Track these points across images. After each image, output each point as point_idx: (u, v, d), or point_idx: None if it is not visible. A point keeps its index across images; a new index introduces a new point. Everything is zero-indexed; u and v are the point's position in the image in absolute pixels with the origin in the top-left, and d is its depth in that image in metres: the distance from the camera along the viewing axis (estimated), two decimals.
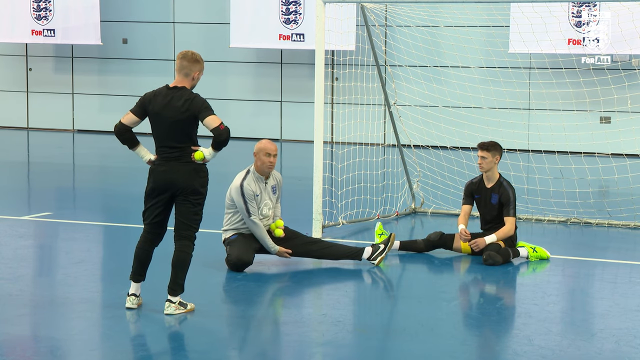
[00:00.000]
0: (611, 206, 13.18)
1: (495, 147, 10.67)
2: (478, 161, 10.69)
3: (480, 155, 10.65)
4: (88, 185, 16.45)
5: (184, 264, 8.24)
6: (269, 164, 9.88)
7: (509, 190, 10.58)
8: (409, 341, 7.69)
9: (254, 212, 9.82)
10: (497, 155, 10.64)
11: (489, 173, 10.67)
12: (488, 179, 10.70)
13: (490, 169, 10.64)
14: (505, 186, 10.62)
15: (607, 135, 16.03)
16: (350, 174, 13.72)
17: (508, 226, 10.45)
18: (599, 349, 7.53)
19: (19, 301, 8.66)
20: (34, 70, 23.35)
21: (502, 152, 10.74)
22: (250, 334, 7.95)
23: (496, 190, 10.61)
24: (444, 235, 10.72)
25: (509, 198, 10.52)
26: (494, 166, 10.66)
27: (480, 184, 10.75)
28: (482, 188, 10.72)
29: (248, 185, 9.84)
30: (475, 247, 10.41)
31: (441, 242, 10.71)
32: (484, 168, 10.65)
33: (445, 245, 10.73)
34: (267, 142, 9.92)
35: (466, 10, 17.17)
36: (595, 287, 9.90)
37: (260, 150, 9.87)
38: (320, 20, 11.63)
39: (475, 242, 10.41)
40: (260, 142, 9.94)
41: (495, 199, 10.60)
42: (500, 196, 10.57)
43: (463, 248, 10.64)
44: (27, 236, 11.61)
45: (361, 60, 15.33)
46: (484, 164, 10.63)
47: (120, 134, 8.28)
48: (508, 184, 10.67)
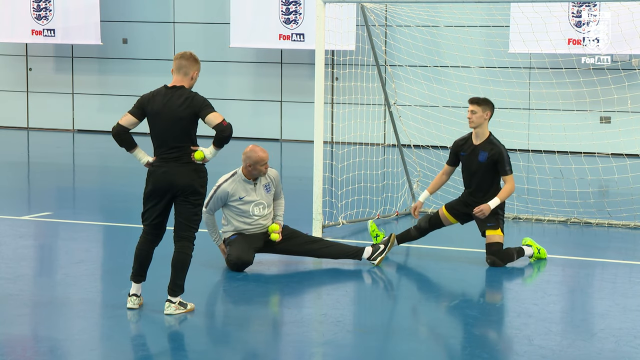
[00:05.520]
0: (611, 206, 13.18)
1: (486, 102, 10.24)
2: (467, 115, 10.23)
3: (470, 110, 10.19)
4: (88, 185, 16.45)
5: (184, 264, 8.24)
6: (264, 171, 9.89)
7: (500, 146, 10.17)
8: (409, 341, 7.69)
9: (211, 209, 9.87)
10: (487, 111, 10.20)
11: (479, 129, 10.24)
12: (477, 135, 10.28)
13: (480, 124, 10.20)
14: (496, 143, 10.20)
15: (607, 135, 16.03)
16: (350, 174, 13.72)
17: (508, 185, 10.11)
18: (599, 349, 7.53)
19: (19, 301, 8.66)
20: (34, 70, 23.35)
21: (493, 108, 10.28)
22: (250, 334, 7.95)
23: (485, 148, 10.21)
24: (432, 218, 10.58)
25: (502, 154, 10.13)
26: (484, 122, 10.22)
27: (468, 141, 10.35)
28: (470, 145, 10.31)
29: (226, 188, 9.86)
30: (481, 215, 10.06)
31: (430, 224, 10.59)
32: (474, 123, 10.20)
33: (435, 226, 10.59)
34: (261, 152, 9.81)
35: (466, 10, 17.17)
36: (595, 287, 9.90)
37: (255, 162, 9.80)
38: (320, 20, 11.63)
39: (480, 209, 10.07)
40: (253, 152, 9.80)
41: (484, 156, 10.19)
42: (490, 154, 10.15)
43: (452, 220, 10.49)
44: (27, 236, 11.61)
45: (361, 60, 15.33)
46: (473, 118, 10.18)
47: (118, 135, 8.27)
48: (498, 141, 10.27)
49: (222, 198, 9.88)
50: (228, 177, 9.96)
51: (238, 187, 9.89)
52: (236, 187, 9.89)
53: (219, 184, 9.91)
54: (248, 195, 9.92)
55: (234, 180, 9.91)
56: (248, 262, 9.80)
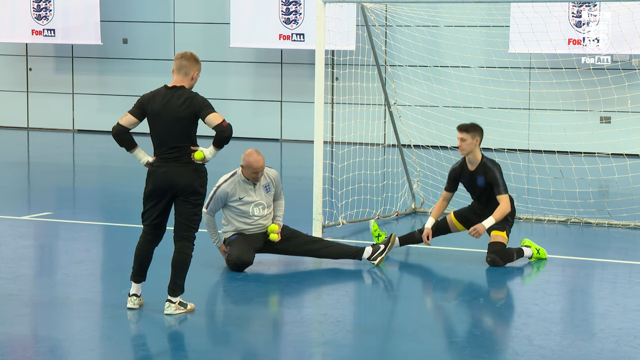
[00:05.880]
0: (611, 206, 13.17)
1: (474, 128, 10.25)
2: (457, 144, 10.25)
3: (460, 137, 10.21)
4: (88, 185, 16.45)
5: (184, 264, 8.24)
6: (256, 178, 9.88)
7: (493, 169, 10.21)
8: (409, 341, 7.68)
9: (211, 209, 9.89)
10: (477, 137, 10.22)
11: (471, 156, 10.29)
12: (470, 162, 10.33)
13: (471, 151, 10.24)
14: (490, 166, 10.23)
15: (607, 135, 16.02)
16: (350, 174, 13.72)
17: (502, 205, 10.13)
18: (599, 349, 7.53)
19: (19, 301, 8.66)
20: (34, 70, 23.35)
21: (482, 133, 10.31)
22: (250, 334, 7.95)
23: (480, 172, 10.26)
24: (439, 223, 10.61)
25: (496, 177, 10.17)
26: (475, 148, 10.24)
27: (463, 168, 10.41)
28: (466, 172, 10.38)
29: (226, 188, 9.86)
30: (475, 235, 10.11)
31: (437, 230, 10.62)
32: (465, 150, 10.23)
33: (441, 232, 10.64)
34: (254, 161, 9.78)
35: (466, 10, 17.17)
36: (595, 287, 9.90)
37: (247, 167, 9.84)
38: (320, 20, 11.63)
39: (475, 230, 10.10)
40: (249, 155, 9.80)
41: (482, 180, 10.27)
42: (485, 177, 10.23)
43: (459, 227, 10.55)
44: (27, 236, 11.61)
45: (361, 60, 15.33)
46: (464, 145, 10.21)
47: (118, 135, 8.27)
48: (492, 162, 10.29)
49: (222, 198, 9.88)
50: (227, 177, 9.96)
51: (237, 187, 9.89)
52: (236, 187, 9.89)
53: (219, 185, 9.91)
54: (247, 196, 9.92)
55: (233, 181, 9.91)
56: (248, 262, 9.80)
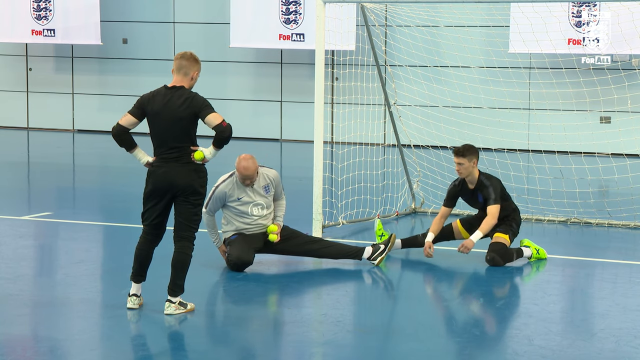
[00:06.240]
0: (611, 206, 13.17)
1: (470, 152, 10.40)
2: (455, 168, 10.45)
3: (457, 162, 10.40)
4: (88, 185, 16.45)
5: (184, 264, 8.24)
6: (245, 182, 9.87)
7: (488, 186, 10.34)
8: (409, 341, 7.68)
9: (211, 209, 9.90)
10: (474, 159, 10.38)
11: (469, 177, 10.46)
12: (470, 181, 10.51)
13: (469, 173, 10.42)
14: (486, 184, 10.37)
15: (607, 135, 16.02)
16: (350, 174, 13.72)
17: (489, 218, 10.22)
18: (599, 349, 7.53)
19: (19, 301, 8.66)
20: (34, 70, 23.35)
21: (478, 153, 10.48)
22: (250, 334, 7.95)
23: (480, 190, 10.44)
24: (444, 229, 10.67)
25: (489, 192, 10.29)
26: (474, 169, 10.42)
27: (463, 186, 10.57)
28: (466, 190, 10.56)
29: (224, 188, 9.87)
30: (464, 251, 10.21)
31: (441, 235, 10.65)
32: (463, 174, 10.42)
33: (445, 238, 10.69)
34: (243, 168, 9.75)
35: (466, 10, 17.17)
36: (595, 287, 9.90)
37: (237, 170, 9.85)
38: (320, 20, 11.63)
39: (463, 246, 10.21)
40: (239, 162, 9.80)
41: (482, 197, 10.45)
42: (482, 194, 10.41)
43: (464, 235, 10.60)
44: (27, 236, 11.61)
45: (361, 60, 15.32)
46: (461, 169, 10.39)
47: (118, 135, 8.27)
48: (488, 178, 10.42)
49: (221, 199, 9.89)
50: (226, 177, 9.96)
51: (235, 187, 9.89)
52: (234, 187, 9.89)
53: (217, 185, 9.92)
54: (246, 196, 9.92)
55: (231, 181, 9.91)
56: (248, 262, 9.80)
